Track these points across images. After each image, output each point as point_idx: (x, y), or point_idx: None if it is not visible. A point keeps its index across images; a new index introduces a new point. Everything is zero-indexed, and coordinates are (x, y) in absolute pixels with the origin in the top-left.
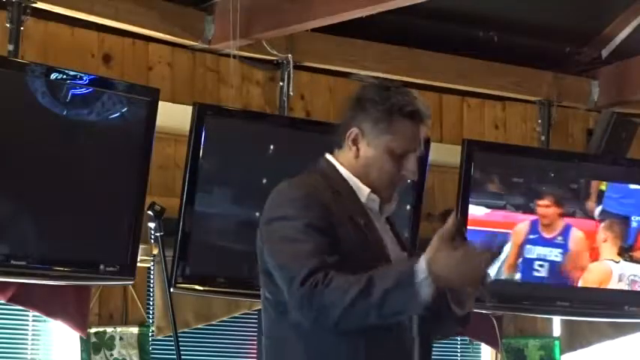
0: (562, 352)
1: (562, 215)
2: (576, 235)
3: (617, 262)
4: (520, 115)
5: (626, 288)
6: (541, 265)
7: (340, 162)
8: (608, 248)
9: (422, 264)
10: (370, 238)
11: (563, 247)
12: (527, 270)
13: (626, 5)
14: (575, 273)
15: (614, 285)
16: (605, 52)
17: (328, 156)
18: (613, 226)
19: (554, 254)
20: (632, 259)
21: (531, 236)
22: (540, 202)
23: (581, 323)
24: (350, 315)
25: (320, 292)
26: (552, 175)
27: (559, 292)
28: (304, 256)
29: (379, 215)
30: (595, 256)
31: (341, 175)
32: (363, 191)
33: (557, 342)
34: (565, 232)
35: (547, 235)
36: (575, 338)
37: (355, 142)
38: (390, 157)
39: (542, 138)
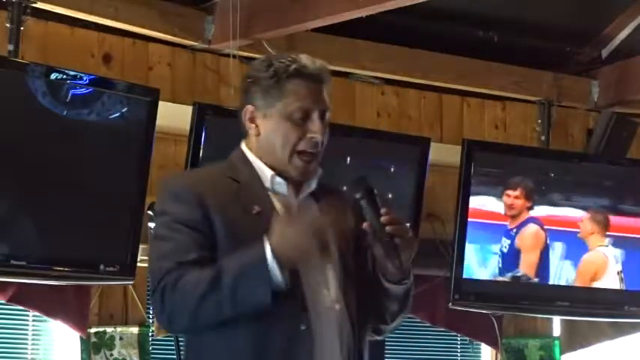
0: (562, 352)
1: (529, 209)
2: (528, 230)
3: (606, 247)
4: (520, 115)
5: (619, 269)
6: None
7: (249, 147)
8: (596, 238)
9: (267, 246)
10: (262, 225)
11: (512, 239)
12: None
13: (626, 5)
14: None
15: (612, 270)
16: (605, 52)
17: (242, 145)
18: (596, 217)
19: (504, 245)
20: None
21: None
22: (510, 192)
23: (581, 323)
24: (202, 311)
25: (169, 294)
26: (552, 175)
27: (559, 292)
28: (162, 258)
29: (293, 197)
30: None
31: (248, 160)
32: (267, 175)
33: (557, 342)
34: (522, 225)
35: (509, 227)
36: (575, 338)
37: (252, 119)
38: (291, 122)
39: (542, 138)
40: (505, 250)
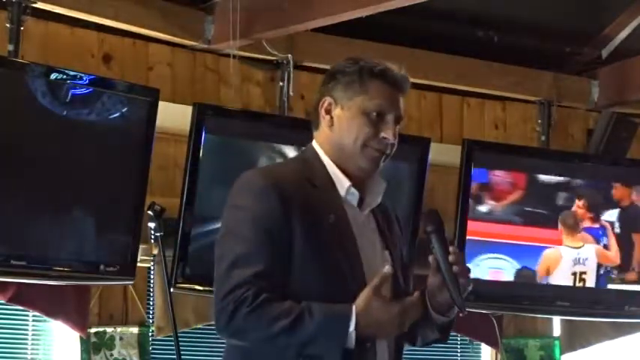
0: (562, 352)
1: None
2: None
3: (576, 248)
4: (520, 115)
5: (581, 270)
6: None
7: (319, 143)
8: (565, 238)
9: (352, 317)
10: (336, 236)
11: None
12: None
13: (626, 5)
14: None
15: (565, 268)
16: (605, 52)
17: (314, 142)
18: (567, 220)
19: None
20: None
21: None
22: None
23: (581, 323)
24: (268, 344)
25: (245, 313)
26: (552, 175)
27: (559, 292)
28: (236, 261)
29: (358, 210)
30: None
31: (322, 162)
32: (343, 183)
33: (557, 342)
34: None
35: None
36: (575, 338)
37: (328, 111)
38: (367, 118)
39: (542, 138)
40: None
